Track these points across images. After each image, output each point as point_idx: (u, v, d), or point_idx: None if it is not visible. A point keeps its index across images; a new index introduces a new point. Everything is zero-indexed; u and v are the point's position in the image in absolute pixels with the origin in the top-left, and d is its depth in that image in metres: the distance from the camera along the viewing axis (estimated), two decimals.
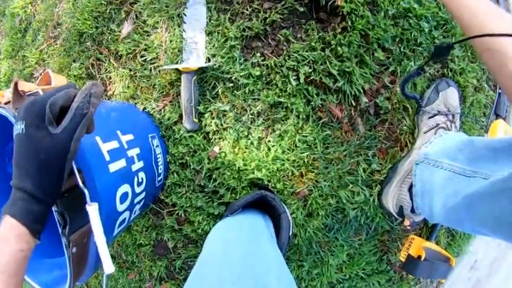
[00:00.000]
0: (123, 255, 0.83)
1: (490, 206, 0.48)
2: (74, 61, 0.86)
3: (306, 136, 0.70)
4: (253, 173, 0.70)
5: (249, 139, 0.70)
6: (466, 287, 0.90)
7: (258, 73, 0.70)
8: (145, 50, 0.77)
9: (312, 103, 0.70)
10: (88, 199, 0.41)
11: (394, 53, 0.72)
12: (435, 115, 0.75)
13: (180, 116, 0.73)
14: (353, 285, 0.80)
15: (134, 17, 0.80)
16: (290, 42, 0.70)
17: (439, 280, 0.89)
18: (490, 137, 0.83)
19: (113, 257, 0.85)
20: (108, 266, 0.40)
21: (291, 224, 0.70)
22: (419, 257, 0.79)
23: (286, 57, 0.70)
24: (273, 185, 0.71)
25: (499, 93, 0.87)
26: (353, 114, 0.73)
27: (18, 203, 0.36)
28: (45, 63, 1.00)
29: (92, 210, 0.40)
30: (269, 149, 0.71)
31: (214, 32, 0.71)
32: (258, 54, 0.71)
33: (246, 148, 0.71)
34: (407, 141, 0.77)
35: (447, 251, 0.83)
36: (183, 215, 0.75)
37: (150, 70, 0.76)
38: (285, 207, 0.70)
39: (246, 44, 0.72)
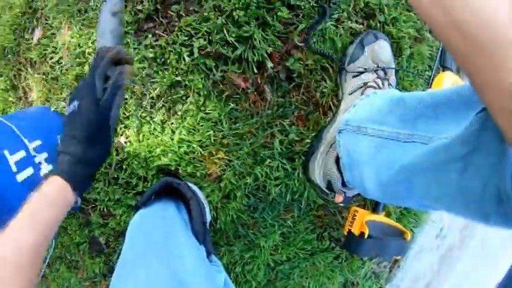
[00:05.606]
0: (68, 255, 0.84)
1: (436, 180, 0.39)
2: (1, 75, 0.89)
3: (209, 113, 0.66)
4: (160, 159, 0.67)
5: (151, 124, 0.68)
6: (435, 256, 0.79)
7: (151, 55, 0.67)
8: (53, 52, 0.77)
9: (212, 77, 0.65)
10: None
11: (304, 9, 0.65)
12: (361, 73, 0.66)
13: None
14: (295, 266, 0.75)
15: (44, 22, 0.80)
16: (182, 17, 0.66)
17: (394, 257, 0.80)
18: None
19: (59, 257, 0.87)
20: None
21: (205, 209, 0.66)
22: (362, 234, 0.69)
23: (179, 33, 0.65)
24: (183, 169, 0.67)
25: None
26: (260, 82, 0.67)
27: (65, 165, 0.41)
28: None
29: None
30: (173, 132, 0.67)
31: None
32: (150, 35, 0.67)
33: (150, 134, 0.68)
34: (331, 104, 0.69)
35: (401, 224, 0.74)
36: (105, 209, 0.74)
37: (61, 71, 0.76)
38: (196, 191, 0.66)
39: (139, 27, 0.69)
